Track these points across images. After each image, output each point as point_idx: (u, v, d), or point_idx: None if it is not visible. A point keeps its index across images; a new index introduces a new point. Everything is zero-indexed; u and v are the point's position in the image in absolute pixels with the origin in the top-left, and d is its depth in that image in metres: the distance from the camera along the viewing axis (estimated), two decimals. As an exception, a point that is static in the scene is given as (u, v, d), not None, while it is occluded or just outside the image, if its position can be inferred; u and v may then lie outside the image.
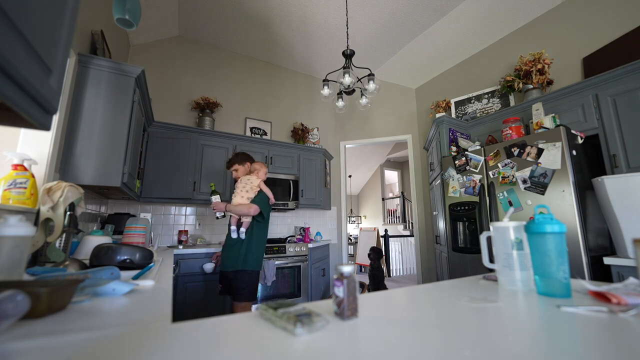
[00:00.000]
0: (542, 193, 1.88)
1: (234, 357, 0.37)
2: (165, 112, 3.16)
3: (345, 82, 2.38)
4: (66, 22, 0.67)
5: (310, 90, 4.25)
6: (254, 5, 2.91)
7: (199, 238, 3.06)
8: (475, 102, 3.16)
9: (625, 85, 1.83)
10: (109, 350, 0.39)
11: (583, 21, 2.43)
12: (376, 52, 3.59)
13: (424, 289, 0.80)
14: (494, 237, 0.84)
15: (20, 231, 0.71)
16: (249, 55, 3.82)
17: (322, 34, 3.33)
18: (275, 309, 0.51)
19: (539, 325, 0.51)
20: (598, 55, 2.23)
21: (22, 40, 0.50)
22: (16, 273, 0.71)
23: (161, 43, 3.30)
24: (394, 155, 7.88)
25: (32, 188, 1.32)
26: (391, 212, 8.41)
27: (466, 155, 2.39)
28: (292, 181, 3.37)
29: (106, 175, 1.78)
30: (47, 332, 0.46)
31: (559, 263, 0.67)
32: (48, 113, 0.64)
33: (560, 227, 0.69)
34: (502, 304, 0.63)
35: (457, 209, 2.44)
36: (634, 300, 0.59)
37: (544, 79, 2.43)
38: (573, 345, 0.42)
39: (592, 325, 0.49)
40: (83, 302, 0.64)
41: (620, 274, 1.58)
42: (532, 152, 1.96)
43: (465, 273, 2.30)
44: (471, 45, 3.27)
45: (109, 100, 1.85)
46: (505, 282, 0.80)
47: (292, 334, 0.44)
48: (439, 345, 0.41)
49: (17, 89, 0.51)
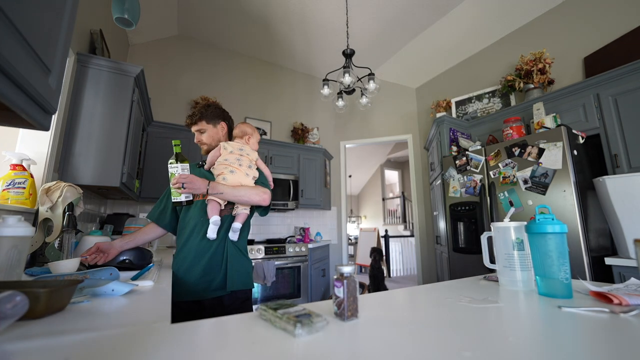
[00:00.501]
0: (543, 193, 1.88)
1: (233, 358, 0.37)
2: (164, 111, 3.16)
3: (345, 81, 2.38)
4: (65, 21, 0.67)
5: (310, 90, 4.25)
6: (253, 5, 2.91)
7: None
8: (475, 102, 3.15)
9: (627, 85, 1.83)
10: (108, 351, 0.39)
11: (584, 20, 2.43)
12: (376, 51, 3.59)
13: (425, 289, 0.80)
14: (495, 237, 0.84)
15: (18, 231, 0.71)
16: (249, 54, 3.82)
17: (322, 33, 3.33)
18: (275, 310, 0.51)
19: (540, 325, 0.51)
20: (599, 54, 2.23)
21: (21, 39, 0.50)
22: (15, 273, 0.71)
23: (160, 42, 3.30)
24: (394, 155, 7.87)
25: (30, 188, 1.31)
26: (391, 212, 8.41)
27: (467, 155, 2.39)
28: (292, 181, 3.37)
29: (105, 175, 1.78)
30: (46, 333, 0.45)
31: (560, 263, 0.67)
32: (47, 113, 0.64)
33: (561, 227, 0.68)
34: (502, 305, 0.63)
35: (458, 209, 2.43)
36: (635, 301, 0.59)
37: (544, 78, 2.43)
38: (574, 346, 0.42)
39: (594, 325, 0.49)
40: (82, 302, 0.64)
41: (621, 275, 1.57)
42: (533, 152, 1.96)
43: (466, 273, 2.29)
44: (472, 45, 3.26)
45: (108, 100, 1.84)
46: (506, 282, 0.80)
47: (292, 335, 0.44)
48: (440, 346, 0.40)
49: (16, 89, 0.51)
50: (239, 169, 1.26)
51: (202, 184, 1.12)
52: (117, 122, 1.86)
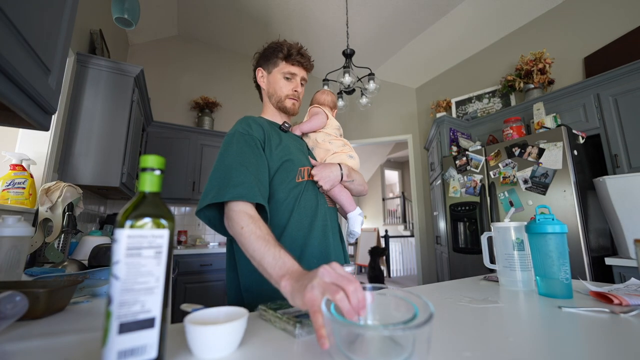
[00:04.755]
0: (543, 193, 1.88)
1: (233, 358, 0.37)
2: (164, 111, 3.16)
3: (345, 81, 2.38)
4: (65, 21, 0.67)
5: (310, 90, 4.25)
6: (253, 5, 2.91)
7: (198, 238, 3.05)
8: (476, 102, 3.15)
9: (627, 85, 1.83)
10: (107, 351, 0.38)
11: (584, 21, 2.43)
12: (376, 51, 3.59)
13: (425, 289, 0.80)
14: (495, 237, 0.84)
15: (18, 231, 0.71)
16: (249, 54, 3.82)
17: (322, 34, 3.33)
18: (275, 310, 0.51)
19: (540, 326, 0.51)
20: (599, 54, 2.23)
21: (21, 40, 0.50)
22: (15, 273, 0.71)
23: (160, 42, 3.30)
24: (394, 155, 7.87)
25: (30, 188, 1.31)
26: (391, 213, 8.41)
27: (467, 155, 2.39)
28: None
29: (105, 175, 1.78)
30: (45, 333, 0.45)
31: (560, 263, 0.67)
32: (47, 113, 0.64)
33: (562, 227, 0.68)
34: (503, 305, 0.62)
35: (458, 209, 2.43)
36: (636, 301, 0.59)
37: (545, 78, 2.43)
38: (574, 346, 0.42)
39: (594, 326, 0.49)
40: (82, 302, 0.64)
41: (621, 275, 1.57)
42: (533, 152, 1.96)
43: (466, 274, 2.29)
44: (472, 45, 3.26)
45: (108, 100, 1.84)
46: (506, 282, 0.80)
47: (292, 335, 0.44)
48: (440, 346, 0.40)
49: (16, 89, 0.51)
50: (343, 150, 0.95)
51: (335, 170, 0.84)
52: (117, 122, 1.86)
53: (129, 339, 0.30)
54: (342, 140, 0.98)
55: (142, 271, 0.32)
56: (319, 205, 0.83)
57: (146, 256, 0.32)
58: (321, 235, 0.81)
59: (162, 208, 0.35)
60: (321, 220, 0.83)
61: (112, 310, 0.30)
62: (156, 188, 0.35)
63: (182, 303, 2.46)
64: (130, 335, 0.31)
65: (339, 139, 0.98)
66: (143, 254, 0.32)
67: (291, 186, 0.79)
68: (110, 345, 0.29)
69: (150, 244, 0.33)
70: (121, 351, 0.30)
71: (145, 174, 0.35)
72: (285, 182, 0.79)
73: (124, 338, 0.30)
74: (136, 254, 0.32)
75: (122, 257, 0.31)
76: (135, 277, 0.31)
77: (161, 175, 0.36)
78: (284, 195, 0.78)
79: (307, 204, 0.81)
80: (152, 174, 0.35)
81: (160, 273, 0.33)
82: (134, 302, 0.31)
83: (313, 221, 0.81)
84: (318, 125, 0.96)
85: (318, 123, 0.96)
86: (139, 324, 0.31)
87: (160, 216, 0.34)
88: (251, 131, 0.78)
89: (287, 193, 0.79)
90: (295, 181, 0.80)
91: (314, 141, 0.96)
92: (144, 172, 0.35)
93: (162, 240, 0.33)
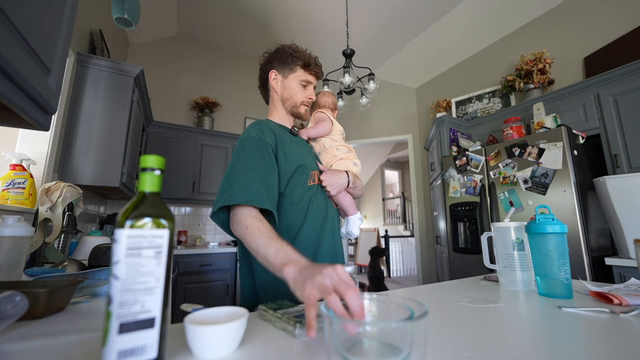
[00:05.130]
0: (543, 193, 1.88)
1: (233, 358, 0.37)
2: (164, 111, 3.16)
3: (345, 81, 2.38)
4: (65, 21, 0.67)
5: (310, 90, 4.25)
6: (253, 5, 2.91)
7: (198, 238, 3.06)
8: (476, 102, 3.15)
9: (627, 85, 1.83)
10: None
11: (584, 21, 2.43)
12: (376, 51, 3.59)
13: (425, 289, 0.80)
14: (495, 237, 0.84)
15: (18, 231, 0.71)
16: (249, 54, 3.82)
17: (322, 34, 3.33)
18: (275, 310, 0.51)
19: (540, 326, 0.51)
20: (599, 54, 2.23)
21: (21, 40, 0.50)
22: (15, 273, 0.71)
23: (160, 42, 3.30)
24: (394, 155, 7.87)
25: (30, 188, 1.31)
26: (391, 213, 8.41)
27: (467, 155, 2.39)
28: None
29: (105, 175, 1.78)
30: (45, 333, 0.45)
31: (560, 263, 0.67)
32: (47, 113, 0.64)
33: (562, 227, 0.68)
34: (503, 305, 0.62)
35: (458, 209, 2.43)
36: (636, 301, 0.59)
37: (545, 78, 2.43)
38: (574, 346, 0.42)
39: (594, 326, 0.49)
40: (82, 302, 0.64)
41: (621, 275, 1.57)
42: (533, 152, 1.96)
43: (466, 274, 2.29)
44: (472, 45, 3.26)
45: (108, 100, 1.84)
46: (506, 282, 0.80)
47: (292, 335, 0.44)
48: (439, 346, 0.40)
49: (16, 89, 0.51)
50: (348, 157, 0.99)
51: (343, 177, 0.89)
52: (117, 122, 1.86)
53: (129, 339, 0.30)
54: (347, 147, 1.03)
55: (142, 271, 0.32)
56: (328, 208, 0.88)
57: (146, 256, 0.32)
58: (331, 236, 0.85)
59: (162, 208, 0.35)
60: (330, 222, 0.87)
61: (112, 310, 0.30)
62: (156, 188, 0.35)
63: (182, 303, 2.46)
64: (130, 335, 0.31)
65: (344, 145, 1.03)
66: (143, 254, 0.32)
67: (305, 189, 0.83)
68: (110, 345, 0.29)
69: (150, 244, 0.33)
70: (121, 351, 0.30)
71: (145, 174, 0.35)
72: (300, 184, 0.82)
73: (124, 338, 0.30)
74: (136, 254, 0.32)
75: (122, 257, 0.31)
76: (135, 277, 0.31)
77: (161, 175, 0.36)
78: (298, 197, 0.81)
79: (319, 207, 0.85)
80: (152, 174, 0.35)
81: (160, 273, 0.33)
82: (134, 302, 0.31)
83: (324, 223, 0.84)
84: (325, 132, 1.01)
85: (325, 129, 1.01)
86: (139, 324, 0.31)
87: (160, 216, 0.34)
88: (264, 137, 0.80)
89: (301, 195, 0.82)
90: (308, 184, 0.84)
91: (321, 146, 1.01)
92: (144, 172, 0.35)
93: (162, 240, 0.34)
